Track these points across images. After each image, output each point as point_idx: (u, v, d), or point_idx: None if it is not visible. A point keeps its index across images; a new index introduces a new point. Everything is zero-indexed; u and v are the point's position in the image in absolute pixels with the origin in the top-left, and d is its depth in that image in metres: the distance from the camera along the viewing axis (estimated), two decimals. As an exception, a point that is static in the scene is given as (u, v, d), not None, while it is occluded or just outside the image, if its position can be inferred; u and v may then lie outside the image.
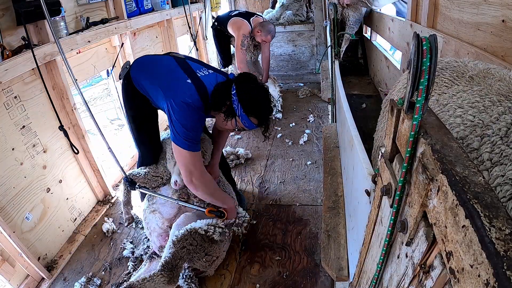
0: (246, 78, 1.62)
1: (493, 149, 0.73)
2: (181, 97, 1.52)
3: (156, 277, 1.41)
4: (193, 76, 1.63)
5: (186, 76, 1.61)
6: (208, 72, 1.70)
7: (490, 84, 0.97)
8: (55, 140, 2.16)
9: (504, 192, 0.65)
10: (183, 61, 1.74)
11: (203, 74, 1.67)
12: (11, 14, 1.84)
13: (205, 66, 1.76)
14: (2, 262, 1.76)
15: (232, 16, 3.52)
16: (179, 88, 1.57)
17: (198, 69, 1.69)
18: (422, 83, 0.49)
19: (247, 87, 1.56)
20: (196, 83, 1.60)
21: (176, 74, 1.64)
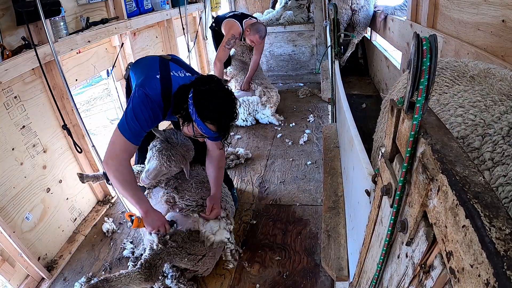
0: (206, 81, 1.50)
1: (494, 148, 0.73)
2: (145, 88, 1.51)
3: (133, 273, 1.46)
4: (165, 73, 1.60)
5: (158, 72, 1.59)
6: (184, 74, 1.66)
7: (492, 84, 0.96)
8: (55, 140, 2.16)
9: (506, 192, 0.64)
10: (166, 61, 1.72)
11: (176, 75, 1.63)
12: (11, 14, 1.85)
13: (186, 69, 1.73)
14: (2, 262, 1.76)
15: (227, 17, 3.48)
16: (147, 80, 1.56)
17: (175, 69, 1.66)
18: (422, 83, 0.49)
19: (204, 90, 1.45)
20: (163, 80, 1.56)
21: (151, 69, 1.63)
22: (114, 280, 1.44)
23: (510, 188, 0.64)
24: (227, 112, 1.48)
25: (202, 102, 1.43)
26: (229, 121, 1.52)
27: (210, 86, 1.46)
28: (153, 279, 1.50)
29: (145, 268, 1.48)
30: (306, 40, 4.65)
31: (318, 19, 4.40)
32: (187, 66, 1.80)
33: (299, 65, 4.83)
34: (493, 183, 0.68)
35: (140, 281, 1.46)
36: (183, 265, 1.69)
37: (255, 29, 3.32)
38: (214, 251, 1.78)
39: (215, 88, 1.47)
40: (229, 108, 1.49)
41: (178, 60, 1.83)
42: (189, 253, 1.67)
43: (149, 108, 1.50)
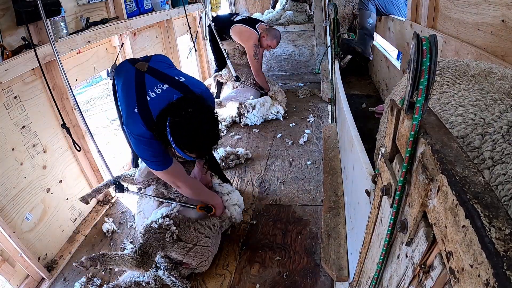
0: (182, 105, 1.44)
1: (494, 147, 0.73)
2: (133, 129, 1.52)
3: (126, 256, 1.56)
4: (142, 102, 1.54)
5: (135, 103, 1.54)
6: (161, 88, 1.59)
7: (492, 83, 0.96)
8: (55, 140, 2.16)
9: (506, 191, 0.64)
10: (141, 76, 1.65)
11: (153, 95, 1.56)
12: (11, 14, 1.85)
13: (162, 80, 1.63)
14: (2, 262, 1.76)
15: (235, 22, 3.46)
16: (130, 117, 1.54)
17: (152, 86, 1.59)
18: (422, 83, 0.49)
19: (179, 119, 1.41)
20: (142, 112, 1.52)
21: (129, 96, 1.59)
22: (110, 257, 1.56)
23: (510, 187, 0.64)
24: (205, 140, 1.45)
25: (177, 133, 1.41)
26: (208, 147, 1.50)
27: (185, 114, 1.40)
28: (144, 266, 1.56)
29: (138, 254, 1.55)
30: (306, 40, 4.65)
31: (318, 19, 4.40)
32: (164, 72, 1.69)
33: (299, 65, 4.84)
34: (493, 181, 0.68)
35: (131, 265, 1.54)
36: (175, 254, 1.70)
37: (272, 35, 3.41)
38: (206, 241, 1.79)
39: (190, 115, 1.41)
40: (207, 135, 1.45)
41: (155, 69, 1.71)
42: (180, 239, 1.68)
43: (148, 144, 1.54)
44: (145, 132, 1.51)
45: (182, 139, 1.41)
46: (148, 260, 1.57)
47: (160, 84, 1.60)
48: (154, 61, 1.78)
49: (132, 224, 2.28)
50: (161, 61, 1.82)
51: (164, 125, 1.44)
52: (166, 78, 1.64)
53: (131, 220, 2.34)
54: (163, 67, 1.74)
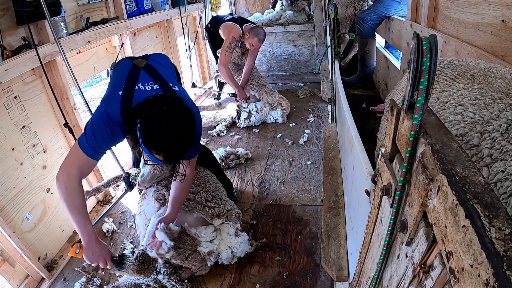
0: (154, 104, 1.32)
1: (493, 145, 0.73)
2: (107, 105, 1.44)
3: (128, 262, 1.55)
4: (129, 87, 1.48)
5: (122, 87, 1.48)
6: (152, 87, 1.51)
7: (491, 82, 0.97)
8: (55, 140, 2.16)
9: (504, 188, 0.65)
10: (137, 70, 1.58)
11: (142, 89, 1.49)
12: (11, 14, 1.85)
13: (158, 80, 1.56)
14: (2, 262, 1.76)
15: (225, 20, 3.45)
16: (110, 96, 1.48)
17: (143, 81, 1.53)
18: (422, 83, 0.49)
19: (148, 116, 1.29)
20: (125, 98, 1.44)
21: (118, 82, 1.53)
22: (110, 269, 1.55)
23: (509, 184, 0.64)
24: (175, 142, 1.29)
25: (146, 127, 1.29)
26: (179, 151, 1.34)
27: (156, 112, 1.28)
28: (145, 273, 1.56)
29: (139, 261, 1.54)
30: (306, 40, 4.65)
31: (318, 19, 4.40)
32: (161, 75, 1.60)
33: (299, 65, 4.83)
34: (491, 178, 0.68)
35: (132, 271, 1.53)
36: (175, 260, 1.70)
37: (254, 32, 3.31)
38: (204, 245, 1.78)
39: (162, 114, 1.28)
40: (179, 138, 1.30)
41: (153, 68, 1.63)
42: (178, 247, 1.68)
43: (107, 127, 1.41)
44: (116, 114, 1.41)
45: (149, 136, 1.29)
46: (149, 267, 1.56)
47: (153, 82, 1.54)
48: (153, 59, 1.72)
49: (132, 224, 2.28)
50: (159, 61, 1.75)
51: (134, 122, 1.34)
52: (161, 80, 1.57)
53: (131, 220, 2.34)
54: (161, 68, 1.67)
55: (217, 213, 1.83)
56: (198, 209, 1.81)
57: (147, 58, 1.74)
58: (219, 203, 1.87)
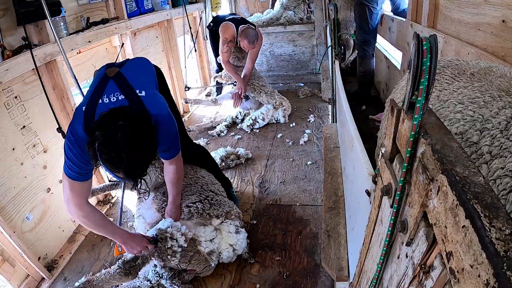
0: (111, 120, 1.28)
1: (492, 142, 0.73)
2: (72, 125, 1.42)
3: (112, 270, 1.62)
4: (93, 102, 1.45)
5: (86, 102, 1.45)
6: (117, 98, 1.47)
7: (491, 80, 0.97)
8: (55, 140, 2.16)
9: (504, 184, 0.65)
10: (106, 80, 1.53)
11: (106, 101, 1.45)
12: (11, 14, 1.85)
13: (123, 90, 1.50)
14: (3, 262, 1.77)
15: (225, 20, 3.47)
16: (75, 113, 1.46)
17: (110, 93, 1.48)
18: (422, 83, 0.49)
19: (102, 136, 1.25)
20: (87, 112, 1.42)
21: (85, 97, 1.51)
22: (96, 280, 1.61)
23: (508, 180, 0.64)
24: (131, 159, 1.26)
25: (101, 150, 1.26)
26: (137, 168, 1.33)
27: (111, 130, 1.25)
28: (132, 273, 1.63)
29: (124, 267, 1.62)
30: (307, 40, 4.65)
31: (318, 19, 4.40)
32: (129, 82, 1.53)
33: (299, 65, 4.83)
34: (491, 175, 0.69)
35: (120, 276, 1.61)
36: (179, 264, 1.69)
37: (244, 34, 3.30)
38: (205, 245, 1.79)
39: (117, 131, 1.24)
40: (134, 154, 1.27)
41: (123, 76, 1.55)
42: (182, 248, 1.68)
43: (77, 147, 1.40)
44: (81, 133, 1.40)
45: (105, 155, 1.26)
46: (135, 269, 1.64)
47: (118, 93, 1.48)
48: (128, 67, 1.64)
49: (132, 224, 2.28)
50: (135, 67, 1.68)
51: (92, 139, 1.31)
52: (128, 89, 1.51)
53: (131, 220, 2.34)
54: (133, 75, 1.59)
55: (216, 215, 1.85)
56: (196, 217, 1.83)
57: (124, 63, 1.68)
58: (217, 208, 1.88)
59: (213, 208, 1.87)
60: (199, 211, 1.83)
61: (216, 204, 1.90)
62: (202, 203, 1.87)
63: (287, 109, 3.69)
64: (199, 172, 2.09)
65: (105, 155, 1.26)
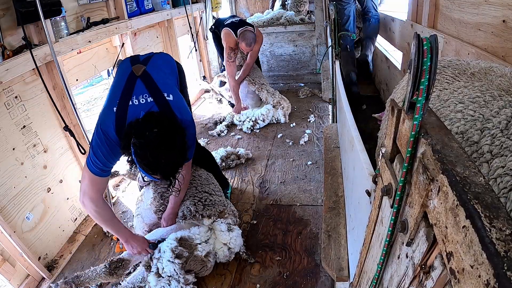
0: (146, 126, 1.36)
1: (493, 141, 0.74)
2: (103, 124, 1.48)
3: (99, 269, 1.70)
4: (123, 103, 1.50)
5: (116, 103, 1.51)
6: (146, 100, 1.52)
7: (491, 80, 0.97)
8: (55, 140, 2.16)
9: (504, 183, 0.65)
10: (134, 79, 1.58)
11: (136, 103, 1.51)
12: (11, 14, 1.85)
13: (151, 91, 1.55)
14: (3, 262, 1.77)
15: (225, 25, 3.50)
16: (105, 113, 1.51)
17: (138, 94, 1.53)
18: (423, 83, 0.48)
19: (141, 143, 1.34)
20: (119, 116, 1.48)
21: (115, 94, 1.55)
22: (84, 276, 1.70)
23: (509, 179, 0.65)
24: (168, 162, 1.38)
25: (139, 153, 1.35)
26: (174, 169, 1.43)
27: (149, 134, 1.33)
28: (117, 273, 1.70)
29: (109, 267, 1.69)
30: (307, 40, 4.65)
31: (318, 19, 4.40)
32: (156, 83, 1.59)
33: (299, 65, 4.83)
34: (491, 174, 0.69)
35: (105, 275, 1.68)
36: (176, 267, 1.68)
37: (241, 37, 3.37)
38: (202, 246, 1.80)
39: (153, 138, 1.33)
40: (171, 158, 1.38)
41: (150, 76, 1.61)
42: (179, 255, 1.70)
43: (106, 145, 1.47)
44: (112, 134, 1.47)
45: (143, 160, 1.35)
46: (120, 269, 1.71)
47: (147, 94, 1.54)
48: (153, 65, 1.69)
49: (132, 224, 2.28)
50: (160, 66, 1.72)
51: (128, 144, 1.39)
52: (155, 91, 1.56)
53: (131, 220, 2.34)
54: (159, 75, 1.64)
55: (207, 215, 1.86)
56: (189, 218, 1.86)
57: (148, 60, 1.72)
58: (210, 208, 1.89)
59: (206, 209, 1.88)
60: (192, 213, 1.85)
61: (210, 205, 1.92)
62: (196, 205, 1.90)
63: (287, 109, 3.70)
64: (197, 171, 2.10)
65: (144, 160, 1.35)
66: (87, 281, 1.68)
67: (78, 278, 1.68)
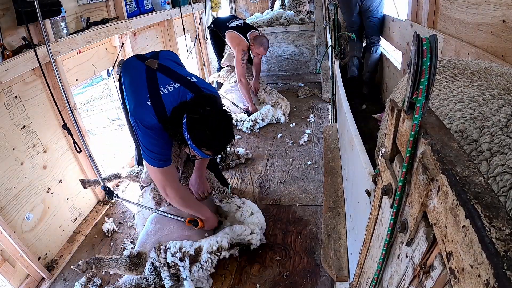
0: (199, 103, 1.47)
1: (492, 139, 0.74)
2: (143, 119, 1.52)
3: (120, 260, 1.68)
4: (155, 94, 1.56)
5: (148, 96, 1.55)
6: (174, 87, 1.60)
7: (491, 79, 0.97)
8: (55, 140, 2.16)
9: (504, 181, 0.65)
10: (153, 73, 1.65)
11: (166, 92, 1.58)
12: (11, 14, 1.85)
13: (174, 77, 1.65)
14: (3, 262, 1.77)
15: (230, 28, 3.57)
16: (140, 109, 1.54)
17: (164, 84, 1.61)
18: (423, 83, 0.48)
19: (197, 117, 1.43)
20: (155, 104, 1.53)
21: (140, 90, 1.60)
22: (104, 261, 1.70)
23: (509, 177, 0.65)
24: (222, 138, 1.48)
25: (195, 130, 1.43)
26: (225, 145, 1.52)
27: (203, 112, 1.43)
28: (137, 270, 1.68)
29: (130, 259, 1.68)
30: (307, 40, 4.65)
31: (318, 19, 4.40)
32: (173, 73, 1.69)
33: (299, 65, 4.83)
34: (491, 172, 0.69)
35: (124, 268, 1.67)
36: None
37: (258, 42, 3.50)
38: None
39: (209, 113, 1.43)
40: (224, 133, 1.49)
41: (166, 67, 1.71)
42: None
43: (157, 137, 1.54)
44: (157, 124, 1.52)
45: (200, 137, 1.43)
46: (140, 264, 1.69)
47: (172, 82, 1.61)
48: (163, 58, 1.78)
49: (132, 224, 2.28)
50: (169, 58, 1.82)
51: (178, 122, 1.46)
52: (178, 77, 1.65)
53: (131, 220, 2.34)
54: (173, 65, 1.74)
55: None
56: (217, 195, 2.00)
57: (157, 55, 1.78)
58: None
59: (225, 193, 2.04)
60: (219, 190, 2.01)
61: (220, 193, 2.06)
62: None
63: (286, 107, 3.72)
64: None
65: (201, 138, 1.44)
66: (106, 267, 1.70)
67: (99, 261, 1.70)
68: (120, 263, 1.67)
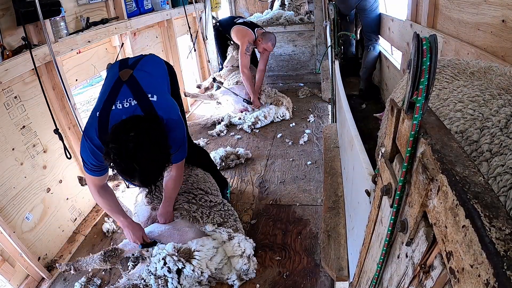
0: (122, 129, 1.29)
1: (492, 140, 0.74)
2: (87, 130, 1.47)
3: (96, 255, 1.77)
4: (106, 107, 1.48)
5: (100, 108, 1.48)
6: (130, 103, 1.49)
7: (491, 79, 0.97)
8: (55, 140, 2.15)
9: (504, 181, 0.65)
10: (120, 84, 1.55)
11: (120, 107, 1.48)
12: (11, 14, 1.85)
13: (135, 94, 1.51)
14: (2, 262, 1.76)
15: (236, 23, 3.61)
16: (90, 119, 1.50)
17: (123, 98, 1.50)
18: (422, 83, 0.49)
19: (117, 143, 1.27)
20: (101, 121, 1.45)
21: (100, 99, 1.54)
22: (82, 260, 1.78)
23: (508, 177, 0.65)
24: (144, 168, 1.31)
25: (115, 162, 1.29)
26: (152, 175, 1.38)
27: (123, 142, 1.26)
28: (110, 261, 1.76)
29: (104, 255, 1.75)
30: (306, 40, 4.65)
31: (318, 19, 4.40)
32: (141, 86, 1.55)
33: (299, 65, 4.83)
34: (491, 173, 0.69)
35: (99, 261, 1.75)
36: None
37: (266, 37, 3.54)
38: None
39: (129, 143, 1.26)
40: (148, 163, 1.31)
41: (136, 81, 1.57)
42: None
43: (89, 152, 1.47)
44: (95, 140, 1.45)
45: (117, 167, 1.30)
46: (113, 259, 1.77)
47: (131, 98, 1.51)
48: (141, 68, 1.66)
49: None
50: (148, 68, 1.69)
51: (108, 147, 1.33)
52: (140, 94, 1.52)
53: (131, 220, 2.33)
54: (146, 77, 1.61)
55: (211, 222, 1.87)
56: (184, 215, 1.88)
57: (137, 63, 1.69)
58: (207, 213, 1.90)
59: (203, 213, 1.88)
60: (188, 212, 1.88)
61: (205, 206, 1.93)
62: (189, 203, 1.92)
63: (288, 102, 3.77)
64: (193, 171, 2.11)
65: (119, 167, 1.30)
66: (84, 265, 1.76)
67: (77, 262, 1.78)
68: (96, 258, 1.75)
